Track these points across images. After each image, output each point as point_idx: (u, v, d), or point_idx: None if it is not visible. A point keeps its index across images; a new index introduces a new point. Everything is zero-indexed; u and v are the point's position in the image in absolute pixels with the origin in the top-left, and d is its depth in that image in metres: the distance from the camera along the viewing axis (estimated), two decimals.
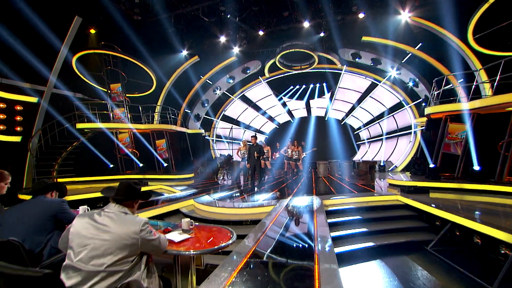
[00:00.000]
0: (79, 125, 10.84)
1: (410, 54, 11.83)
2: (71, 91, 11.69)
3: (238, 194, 8.06)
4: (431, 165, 8.02)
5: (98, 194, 8.55)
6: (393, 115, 14.58)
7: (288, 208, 5.83)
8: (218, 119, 18.09)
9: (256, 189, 8.32)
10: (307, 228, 4.62)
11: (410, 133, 13.42)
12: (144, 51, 12.80)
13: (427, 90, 11.51)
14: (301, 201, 6.35)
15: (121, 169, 12.42)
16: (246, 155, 9.45)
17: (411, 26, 10.83)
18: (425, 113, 8.37)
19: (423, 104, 11.82)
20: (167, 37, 12.55)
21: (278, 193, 7.68)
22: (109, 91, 12.66)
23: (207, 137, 17.18)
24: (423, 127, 12.39)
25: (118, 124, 12.01)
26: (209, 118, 17.73)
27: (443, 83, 8.23)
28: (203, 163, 12.38)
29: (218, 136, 18.69)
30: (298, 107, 19.19)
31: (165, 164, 12.40)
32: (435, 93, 8.71)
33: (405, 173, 10.29)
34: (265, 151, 10.97)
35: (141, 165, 12.33)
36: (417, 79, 11.78)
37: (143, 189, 2.25)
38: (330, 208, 6.24)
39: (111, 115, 12.21)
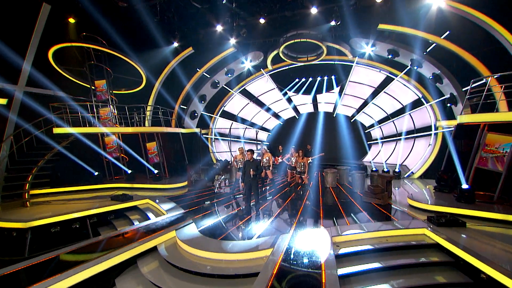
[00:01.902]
0: (57, 130, 9.61)
1: (434, 45, 10.11)
2: (49, 89, 10.41)
3: (233, 219, 6.81)
4: (465, 185, 6.58)
5: (73, 215, 7.53)
6: (410, 114, 12.96)
7: (287, 256, 4.55)
8: (217, 115, 16.68)
9: (253, 211, 7.06)
10: None
11: (430, 135, 11.84)
12: (131, 44, 11.36)
13: (453, 87, 9.86)
14: (304, 243, 5.06)
15: (108, 176, 11.28)
16: (242, 165, 8.16)
17: (438, 11, 9.08)
18: (459, 121, 6.85)
19: (448, 104, 10.19)
20: (155, 27, 11.02)
21: (277, 223, 6.39)
22: (93, 88, 11.32)
23: (203, 137, 15.78)
24: (446, 129, 10.83)
25: (101, 129, 10.70)
26: (207, 114, 16.34)
27: (486, 87, 6.63)
28: (197, 170, 11.14)
29: (217, 135, 17.36)
30: (304, 102, 17.60)
31: (156, 171, 11.17)
32: (467, 96, 7.12)
33: (427, 187, 8.87)
34: (265, 158, 9.66)
35: (129, 171, 11.15)
36: (441, 74, 10.08)
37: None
38: (341, 251, 4.96)
39: (94, 116, 10.92)
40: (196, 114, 15.52)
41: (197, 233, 5.74)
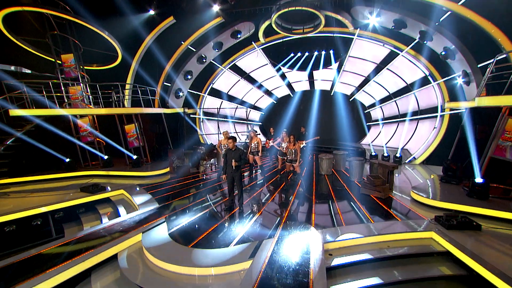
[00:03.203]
0: (14, 112, 8.43)
1: (449, 13, 8.82)
2: (6, 64, 9.13)
3: (212, 217, 5.98)
4: (478, 179, 5.74)
5: (33, 212, 6.62)
6: (414, 93, 11.89)
7: (269, 270, 3.75)
8: (205, 94, 15.45)
9: (235, 207, 6.23)
10: None
11: (436, 116, 10.87)
12: (99, 11, 9.88)
13: (467, 63, 8.73)
14: (291, 251, 4.24)
15: (83, 162, 10.29)
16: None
17: None
18: (477, 104, 5.85)
19: (461, 79, 9.09)
20: None
21: (262, 223, 5.56)
22: (58, 62, 9.97)
23: (187, 118, 14.58)
24: (453, 111, 9.87)
25: (68, 110, 9.48)
26: (194, 92, 15.09)
27: None
28: (179, 155, 10.18)
29: (206, 115, 16.24)
30: (299, 79, 16.36)
31: (135, 157, 10.22)
32: (489, 74, 6.06)
33: (432, 177, 8.05)
34: (254, 143, 8.71)
35: (105, 157, 10.18)
36: (455, 48, 8.89)
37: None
38: (334, 262, 4.20)
39: (63, 96, 9.73)
40: (181, 94, 14.27)
41: (167, 237, 4.92)
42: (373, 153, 11.76)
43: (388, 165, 7.06)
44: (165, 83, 13.70)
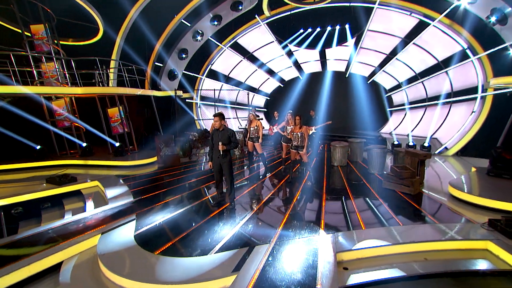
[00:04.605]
0: None
1: None
2: None
3: (195, 214, 5.04)
4: None
5: None
6: (446, 72, 10.55)
7: None
8: (203, 75, 14.46)
9: (225, 203, 5.26)
10: None
11: (474, 99, 9.54)
12: None
13: None
14: (291, 263, 3.24)
15: (58, 151, 9.49)
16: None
17: None
18: None
19: None
20: None
21: (255, 225, 4.56)
22: (27, 34, 9.10)
23: (179, 100, 13.48)
24: (498, 90, 8.58)
25: (31, 88, 8.45)
26: (191, 74, 14.11)
27: None
28: (168, 142, 9.26)
29: (204, 99, 15.27)
30: (309, 59, 15.13)
31: (117, 144, 9.36)
32: None
33: (473, 171, 6.85)
34: (253, 127, 7.64)
35: (84, 144, 9.35)
36: (509, 10, 7.46)
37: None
38: (351, 279, 3.20)
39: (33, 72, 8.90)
40: (176, 73, 13.32)
41: (131, 239, 3.99)
42: (396, 142, 10.60)
43: (419, 154, 5.93)
44: (156, 63, 12.77)
